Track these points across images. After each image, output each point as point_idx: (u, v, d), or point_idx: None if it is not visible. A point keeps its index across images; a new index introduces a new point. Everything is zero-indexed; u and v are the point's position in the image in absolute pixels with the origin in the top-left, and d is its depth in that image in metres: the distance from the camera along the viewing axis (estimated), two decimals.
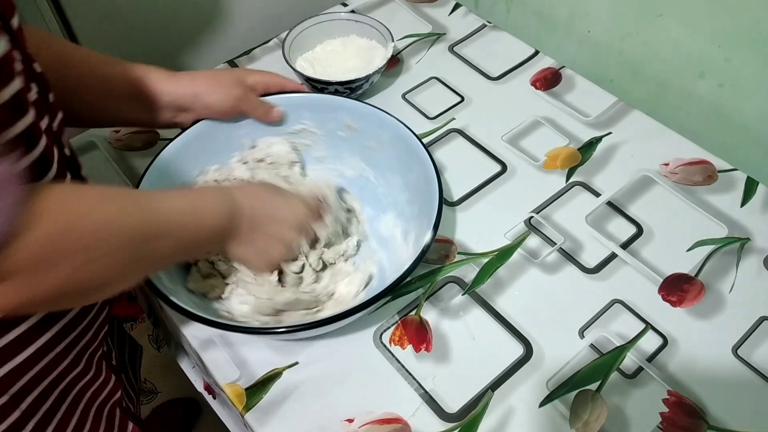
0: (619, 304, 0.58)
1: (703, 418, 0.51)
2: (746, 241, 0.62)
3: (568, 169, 0.69)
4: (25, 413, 0.43)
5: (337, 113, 0.62)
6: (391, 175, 0.62)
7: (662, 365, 0.54)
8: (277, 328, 0.48)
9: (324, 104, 0.62)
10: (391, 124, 0.59)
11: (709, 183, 0.67)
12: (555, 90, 0.77)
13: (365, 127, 0.61)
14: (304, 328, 0.47)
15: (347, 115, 0.61)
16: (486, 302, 0.58)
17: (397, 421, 0.51)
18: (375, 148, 0.62)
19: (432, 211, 0.53)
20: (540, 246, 0.62)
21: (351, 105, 0.61)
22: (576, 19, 0.82)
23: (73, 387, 0.48)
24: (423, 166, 0.56)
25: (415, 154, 0.58)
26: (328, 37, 0.78)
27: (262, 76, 0.61)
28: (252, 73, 0.61)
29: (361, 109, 0.61)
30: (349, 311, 0.47)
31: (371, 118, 0.60)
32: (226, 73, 0.60)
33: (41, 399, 0.45)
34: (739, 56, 0.68)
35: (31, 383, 0.43)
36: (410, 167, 0.59)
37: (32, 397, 0.44)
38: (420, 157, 0.57)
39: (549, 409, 0.52)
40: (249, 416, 0.52)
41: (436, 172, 0.55)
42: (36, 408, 0.44)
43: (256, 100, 0.60)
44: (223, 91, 0.58)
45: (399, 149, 0.59)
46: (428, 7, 0.88)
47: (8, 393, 0.42)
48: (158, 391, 1.26)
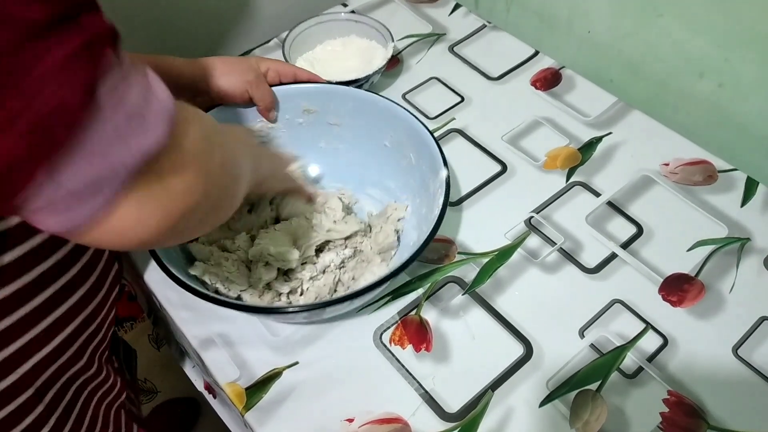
0: (619, 304, 0.58)
1: (703, 418, 0.51)
2: (746, 241, 0.62)
3: (568, 169, 0.69)
4: (48, 407, 0.44)
5: (345, 100, 0.61)
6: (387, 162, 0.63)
7: (662, 365, 0.54)
8: (288, 308, 0.49)
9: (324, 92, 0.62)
10: (403, 116, 0.59)
11: (709, 183, 0.67)
12: (555, 90, 0.77)
13: (374, 120, 0.61)
14: (314, 307, 0.48)
15: (351, 102, 0.61)
16: (486, 302, 0.58)
17: (397, 421, 0.51)
18: None
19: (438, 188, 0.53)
20: (540, 246, 0.62)
21: (354, 93, 0.61)
22: (576, 19, 0.82)
23: (87, 386, 0.49)
24: None
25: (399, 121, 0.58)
26: (328, 37, 0.78)
27: (275, 64, 0.61)
28: (266, 60, 0.61)
29: (365, 98, 0.60)
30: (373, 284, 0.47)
31: (382, 112, 0.60)
32: (241, 59, 0.61)
33: (61, 394, 0.45)
34: (739, 56, 0.68)
35: (52, 378, 0.44)
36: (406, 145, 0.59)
37: (53, 392, 0.44)
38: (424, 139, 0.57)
39: (549, 408, 0.52)
40: (249, 416, 0.52)
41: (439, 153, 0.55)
42: (56, 403, 0.45)
43: (267, 90, 0.60)
44: (236, 75, 0.58)
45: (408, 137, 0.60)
46: (428, 8, 0.88)
47: (34, 386, 0.42)
48: (158, 391, 1.26)
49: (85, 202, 0.26)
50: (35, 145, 0.23)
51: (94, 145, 0.24)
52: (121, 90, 0.25)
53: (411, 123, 0.58)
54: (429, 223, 0.51)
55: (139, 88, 0.27)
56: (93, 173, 0.25)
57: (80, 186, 0.25)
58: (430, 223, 0.51)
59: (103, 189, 0.26)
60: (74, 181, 0.25)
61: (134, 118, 0.26)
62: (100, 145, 0.25)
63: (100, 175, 0.25)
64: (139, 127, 0.26)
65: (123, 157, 0.26)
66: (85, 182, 0.25)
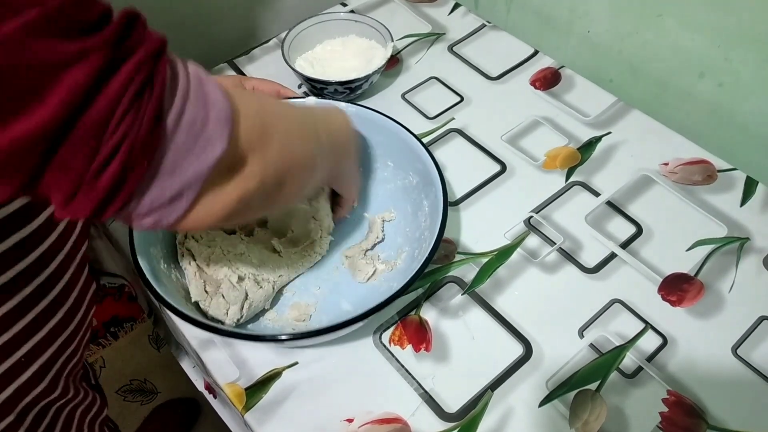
0: (619, 303, 0.58)
1: (702, 417, 0.51)
2: (746, 240, 0.62)
3: (568, 168, 0.69)
4: (29, 430, 0.45)
5: None
6: None
7: (662, 365, 0.54)
8: (279, 336, 0.48)
9: None
10: (394, 129, 0.59)
11: (708, 183, 0.67)
12: (554, 90, 0.77)
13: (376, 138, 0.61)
14: (303, 336, 0.47)
15: None
16: (485, 302, 0.58)
17: (396, 421, 0.51)
18: None
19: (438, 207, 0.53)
20: (540, 246, 0.62)
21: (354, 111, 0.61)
22: (576, 19, 0.82)
23: (65, 408, 0.50)
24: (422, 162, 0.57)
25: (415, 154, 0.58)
26: (328, 37, 0.78)
27: (259, 82, 0.62)
28: (249, 78, 0.62)
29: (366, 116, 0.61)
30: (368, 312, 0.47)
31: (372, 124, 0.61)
32: (224, 78, 0.62)
33: (41, 417, 0.46)
34: (739, 56, 0.68)
35: (33, 401, 0.45)
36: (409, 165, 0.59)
37: (33, 414, 0.45)
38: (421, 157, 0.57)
39: (548, 408, 0.52)
40: (249, 416, 0.52)
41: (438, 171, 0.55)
42: (37, 425, 0.46)
43: None
44: None
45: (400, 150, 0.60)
46: (428, 7, 0.88)
47: (15, 411, 0.43)
48: (158, 391, 1.26)
49: (169, 210, 0.29)
50: (119, 178, 0.26)
51: (168, 166, 0.27)
52: (183, 109, 0.28)
53: (397, 131, 0.58)
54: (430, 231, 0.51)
55: (196, 97, 0.28)
56: (173, 188, 0.28)
57: (164, 200, 0.28)
58: (433, 230, 0.51)
59: (183, 197, 0.29)
60: (158, 198, 0.28)
61: (200, 134, 0.28)
62: (174, 165, 0.28)
63: (180, 188, 0.29)
64: (206, 141, 0.29)
65: (196, 169, 0.29)
66: (166, 197, 0.28)
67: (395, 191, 0.63)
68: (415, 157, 0.58)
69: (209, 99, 0.29)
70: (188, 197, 0.29)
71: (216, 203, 0.31)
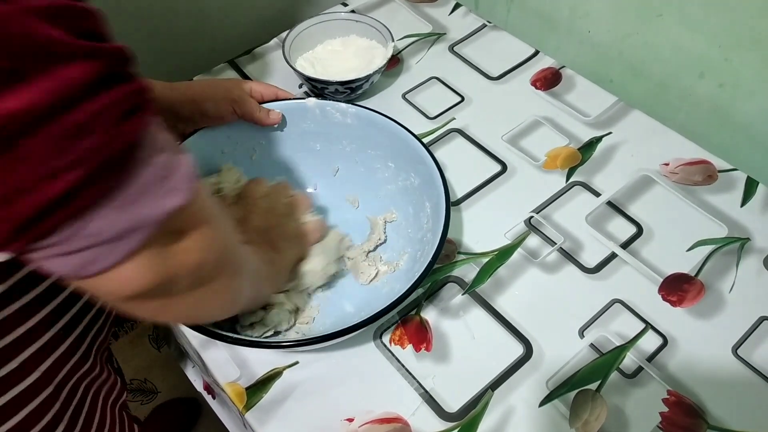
0: (619, 303, 0.58)
1: (702, 417, 0.52)
2: (746, 241, 0.62)
3: (568, 168, 0.69)
4: (63, 404, 0.45)
5: None
6: None
7: (662, 365, 0.54)
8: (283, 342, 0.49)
9: None
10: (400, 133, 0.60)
11: (709, 183, 0.67)
12: (555, 90, 0.77)
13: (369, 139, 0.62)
14: (307, 343, 0.48)
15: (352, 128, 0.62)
16: (486, 302, 0.58)
17: (397, 421, 0.51)
18: None
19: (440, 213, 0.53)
20: (540, 246, 0.62)
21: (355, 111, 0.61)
22: (576, 19, 0.82)
23: (92, 385, 0.50)
24: None
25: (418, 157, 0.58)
26: (329, 37, 0.78)
27: (257, 85, 0.62)
28: (247, 81, 0.62)
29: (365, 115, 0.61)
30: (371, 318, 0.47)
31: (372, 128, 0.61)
32: (222, 80, 0.62)
33: (72, 393, 0.47)
34: (739, 56, 0.68)
35: (68, 375, 0.46)
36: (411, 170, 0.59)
37: (67, 389, 0.46)
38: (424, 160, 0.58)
39: (549, 408, 0.52)
40: (249, 416, 0.52)
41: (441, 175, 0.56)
42: (69, 401, 0.46)
43: (254, 104, 0.60)
44: (220, 95, 0.58)
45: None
46: (428, 7, 0.88)
47: (53, 383, 0.44)
48: (158, 391, 1.26)
49: (110, 249, 0.27)
50: (75, 187, 0.24)
51: (125, 199, 0.26)
52: (161, 149, 0.28)
53: (398, 132, 0.59)
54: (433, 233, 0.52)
55: (173, 149, 0.29)
56: (123, 224, 0.27)
57: (110, 235, 0.27)
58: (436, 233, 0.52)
59: (129, 238, 0.28)
60: (104, 230, 0.26)
61: (166, 179, 0.28)
62: (132, 200, 0.27)
63: (130, 226, 0.27)
64: (169, 188, 0.29)
65: (152, 211, 0.28)
66: (113, 232, 0.27)
67: (396, 192, 0.63)
68: (416, 158, 0.58)
69: (183, 157, 0.30)
70: (134, 240, 0.28)
71: (151, 266, 0.30)
